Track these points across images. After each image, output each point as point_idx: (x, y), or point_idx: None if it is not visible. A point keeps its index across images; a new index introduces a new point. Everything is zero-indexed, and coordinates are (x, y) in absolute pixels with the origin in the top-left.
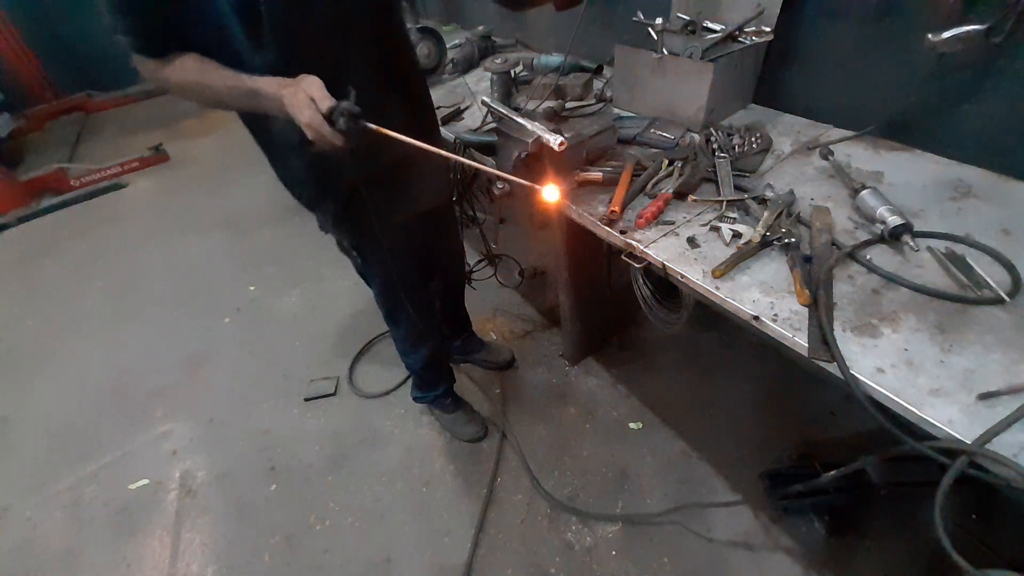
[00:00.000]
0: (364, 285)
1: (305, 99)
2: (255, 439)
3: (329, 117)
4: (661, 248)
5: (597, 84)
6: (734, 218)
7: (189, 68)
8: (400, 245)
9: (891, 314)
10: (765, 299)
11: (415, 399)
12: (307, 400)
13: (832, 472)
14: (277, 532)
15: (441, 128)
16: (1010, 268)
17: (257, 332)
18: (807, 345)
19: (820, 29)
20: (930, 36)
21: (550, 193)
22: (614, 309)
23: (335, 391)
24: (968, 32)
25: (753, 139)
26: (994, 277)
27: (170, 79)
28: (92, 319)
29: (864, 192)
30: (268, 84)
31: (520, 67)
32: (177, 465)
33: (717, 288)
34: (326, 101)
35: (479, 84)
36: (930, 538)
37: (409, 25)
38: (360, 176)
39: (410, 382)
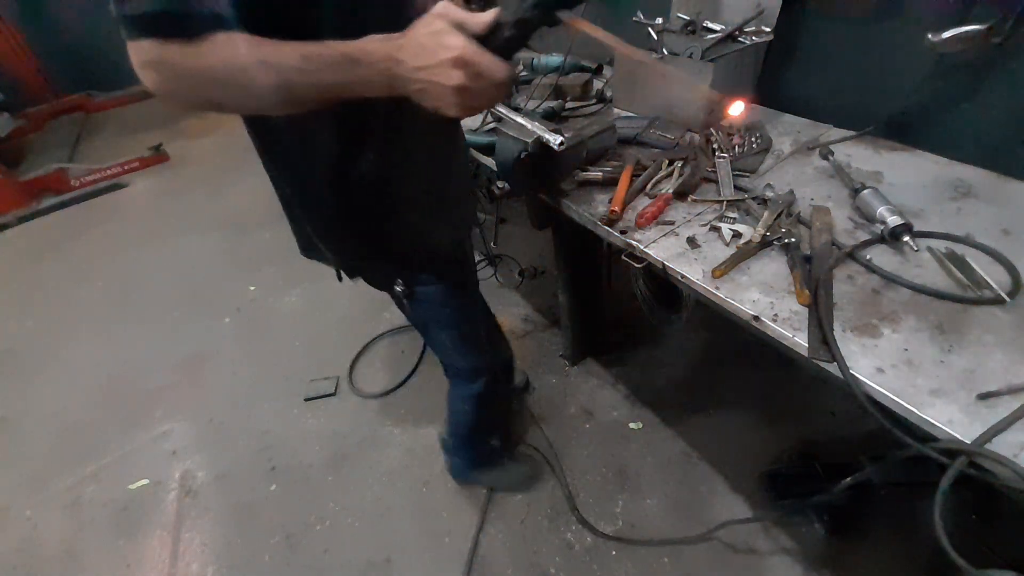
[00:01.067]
0: (364, 285)
1: (445, 27)
2: (255, 439)
3: (488, 36)
4: (661, 248)
5: (597, 84)
6: (734, 218)
7: (241, 43)
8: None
9: (891, 314)
10: (765, 299)
11: (466, 480)
12: (307, 400)
13: (845, 481)
14: (277, 532)
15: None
16: (1010, 268)
17: (257, 332)
18: (807, 345)
19: (820, 29)
20: (930, 36)
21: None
22: (614, 309)
23: (335, 391)
24: (968, 32)
25: (753, 139)
26: (994, 277)
27: (207, 63)
28: (92, 319)
29: (864, 192)
30: (369, 43)
31: (520, 67)
32: (177, 465)
33: (717, 288)
34: (480, 17)
35: None
36: (930, 538)
37: None
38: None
39: (411, 382)
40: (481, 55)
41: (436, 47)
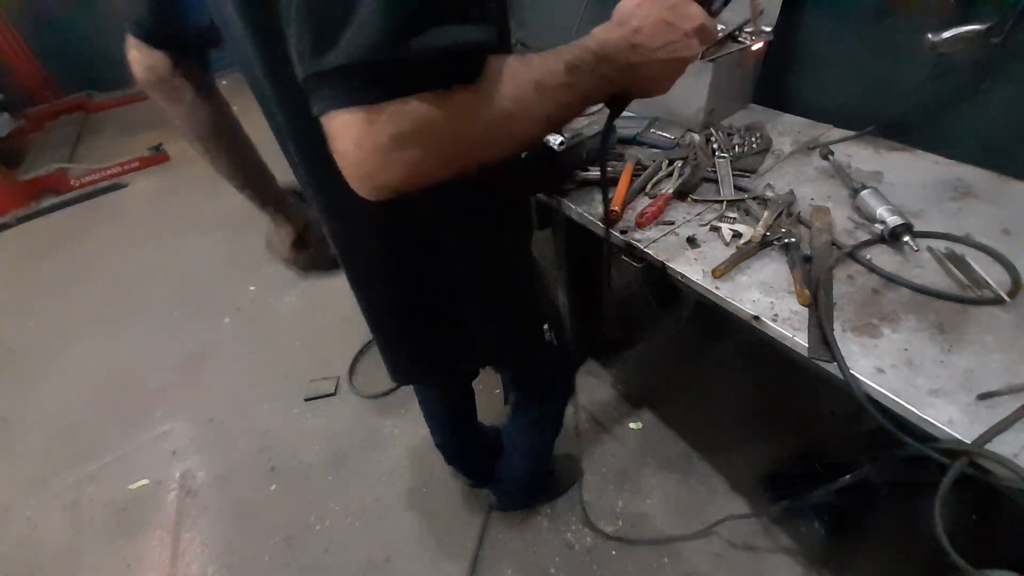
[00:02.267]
0: None
1: None
2: (255, 439)
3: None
4: (661, 248)
5: None
6: (734, 218)
7: (513, 65)
8: None
9: (891, 314)
10: (765, 299)
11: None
12: (307, 400)
13: (844, 478)
14: (277, 532)
15: None
16: (1010, 268)
17: (257, 332)
18: (807, 345)
19: (820, 29)
20: (930, 36)
21: None
22: (614, 309)
23: (335, 391)
24: (968, 32)
25: (753, 139)
26: (994, 277)
27: (493, 107)
28: (92, 319)
29: (864, 192)
30: (600, 35)
31: None
32: (177, 465)
33: (717, 288)
34: None
35: None
36: (930, 538)
37: None
38: None
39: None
40: (711, 20)
41: (678, 20)
